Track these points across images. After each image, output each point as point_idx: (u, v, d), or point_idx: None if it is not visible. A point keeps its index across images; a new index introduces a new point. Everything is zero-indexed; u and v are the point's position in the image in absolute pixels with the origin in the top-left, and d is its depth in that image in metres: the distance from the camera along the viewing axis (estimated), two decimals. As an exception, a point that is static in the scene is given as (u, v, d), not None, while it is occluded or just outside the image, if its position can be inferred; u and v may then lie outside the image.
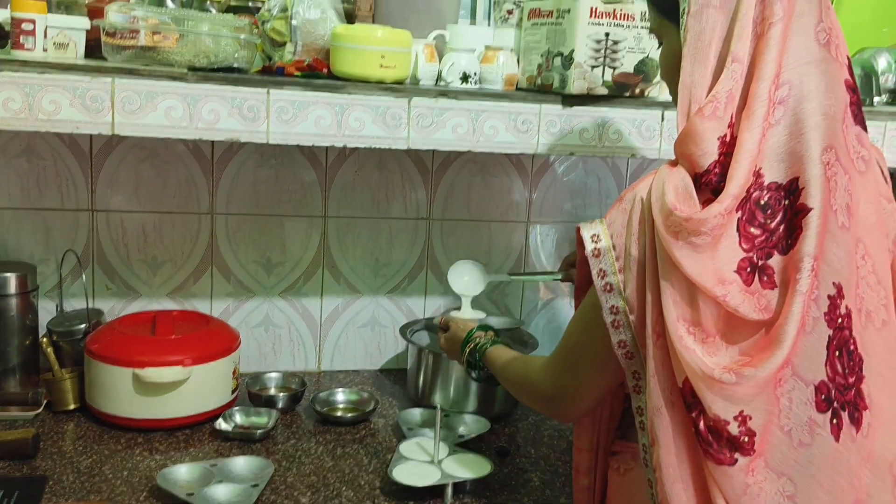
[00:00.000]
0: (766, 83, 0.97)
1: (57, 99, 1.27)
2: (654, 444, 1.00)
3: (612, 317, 1.04)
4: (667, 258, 0.96)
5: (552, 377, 1.16)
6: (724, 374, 0.94)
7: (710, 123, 0.97)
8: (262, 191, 1.82)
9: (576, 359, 1.13)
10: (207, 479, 1.37)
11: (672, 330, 0.96)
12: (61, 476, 1.39)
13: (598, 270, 1.04)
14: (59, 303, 1.75)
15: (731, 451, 0.95)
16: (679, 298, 0.96)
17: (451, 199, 1.93)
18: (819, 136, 0.97)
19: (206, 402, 1.59)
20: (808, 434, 0.97)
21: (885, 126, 1.66)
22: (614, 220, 1.04)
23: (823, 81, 0.99)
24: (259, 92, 1.34)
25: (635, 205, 1.02)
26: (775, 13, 0.98)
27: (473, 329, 1.44)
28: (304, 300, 1.90)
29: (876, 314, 1.03)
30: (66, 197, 1.73)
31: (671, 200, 0.96)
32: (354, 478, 1.45)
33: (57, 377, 1.60)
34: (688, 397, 0.97)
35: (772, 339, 0.95)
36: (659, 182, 0.99)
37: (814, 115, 0.97)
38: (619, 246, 1.03)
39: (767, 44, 0.97)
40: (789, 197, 0.97)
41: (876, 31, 2.04)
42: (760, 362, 0.94)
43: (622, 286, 1.03)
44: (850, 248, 0.99)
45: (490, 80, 1.55)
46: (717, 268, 0.96)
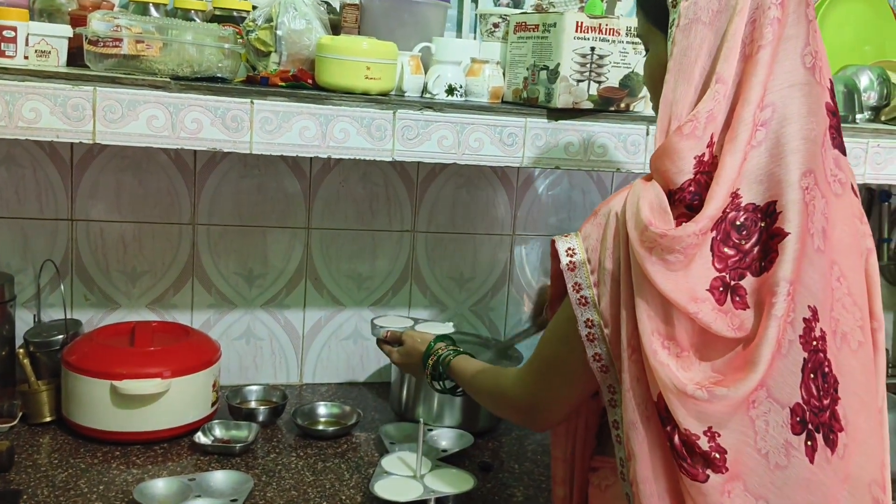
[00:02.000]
0: (751, 107, 0.97)
1: (37, 107, 1.26)
2: (631, 459, 1.00)
3: (587, 330, 1.04)
4: (641, 272, 0.97)
5: (526, 388, 1.16)
6: (697, 391, 0.94)
7: (689, 142, 0.97)
8: (244, 201, 1.81)
9: (549, 370, 1.13)
10: (185, 494, 1.35)
11: (647, 344, 0.96)
12: (36, 490, 1.36)
13: (573, 284, 1.05)
14: (37, 313, 1.72)
15: (704, 466, 0.95)
16: (653, 313, 0.97)
17: (436, 212, 1.92)
18: (799, 160, 0.97)
19: (185, 416, 1.57)
20: (785, 456, 0.97)
21: (867, 143, 1.67)
22: (589, 234, 1.05)
23: (806, 105, 0.99)
24: (243, 102, 1.33)
25: (610, 219, 1.02)
26: (765, 36, 0.98)
27: (433, 341, 1.42)
28: (287, 312, 1.89)
29: (852, 336, 1.03)
30: (45, 206, 1.71)
31: (646, 215, 0.96)
32: (335, 493, 1.43)
33: (33, 389, 1.58)
34: (662, 412, 0.97)
35: (746, 360, 0.95)
36: (634, 197, 1.00)
37: (795, 138, 0.98)
38: (594, 260, 1.04)
39: (755, 66, 0.97)
40: (766, 219, 0.98)
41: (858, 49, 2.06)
42: (733, 383, 0.95)
43: (597, 300, 1.03)
44: (825, 270, 1.00)
45: (476, 92, 1.55)
46: (689, 286, 0.96)
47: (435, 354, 1.39)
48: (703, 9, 1.00)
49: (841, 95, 1.77)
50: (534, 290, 2.02)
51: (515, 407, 1.20)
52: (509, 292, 2.01)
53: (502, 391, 1.23)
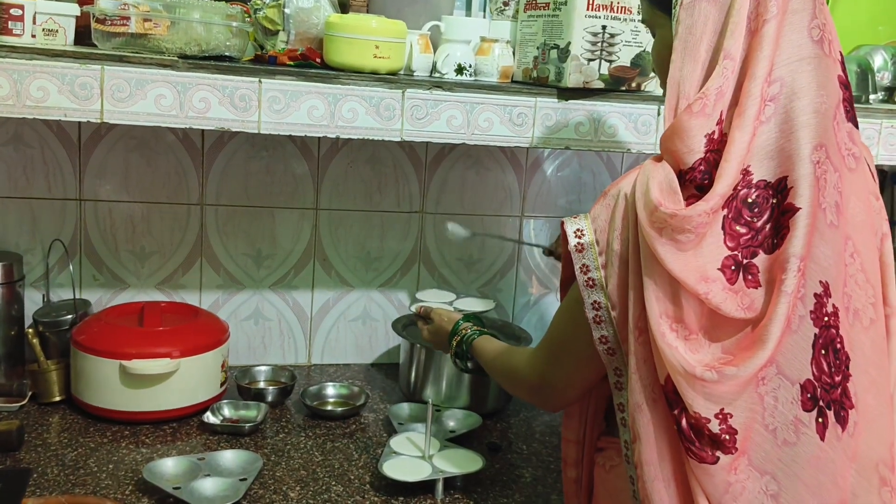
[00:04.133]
0: (758, 81, 0.96)
1: (45, 86, 1.25)
2: (636, 441, 1.00)
3: (594, 312, 1.04)
4: (650, 254, 0.96)
5: (537, 368, 1.17)
6: (706, 372, 0.93)
7: (699, 120, 0.96)
8: (252, 182, 1.80)
9: (559, 352, 1.14)
10: (195, 473, 1.35)
11: (654, 326, 0.96)
12: (46, 469, 1.37)
13: (580, 266, 1.05)
14: (46, 293, 1.72)
15: (713, 449, 0.95)
16: (662, 294, 0.96)
17: (445, 193, 1.92)
18: (810, 135, 0.96)
19: (194, 395, 1.58)
20: (794, 433, 0.96)
21: (880, 124, 1.65)
22: (598, 216, 1.04)
23: (816, 78, 0.98)
24: (251, 81, 1.33)
25: (619, 201, 1.02)
26: (770, 10, 0.97)
27: (460, 320, 1.44)
28: (295, 293, 1.89)
29: (864, 313, 1.02)
30: (53, 186, 1.71)
31: (656, 196, 0.96)
32: (344, 472, 1.44)
33: (42, 368, 1.58)
34: (670, 395, 0.96)
35: (756, 338, 0.95)
36: (643, 178, 0.99)
37: (805, 112, 0.97)
38: (602, 241, 1.03)
39: (761, 41, 0.96)
40: (777, 196, 0.97)
41: (872, 28, 2.04)
42: (742, 361, 0.94)
43: (604, 282, 1.03)
44: (838, 246, 0.99)
45: (485, 72, 1.53)
46: (699, 265, 0.95)
47: (459, 334, 1.41)
48: None
49: (854, 75, 1.75)
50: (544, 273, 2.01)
51: (528, 386, 1.21)
52: (517, 273, 2.00)
53: (515, 370, 1.24)
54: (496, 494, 1.42)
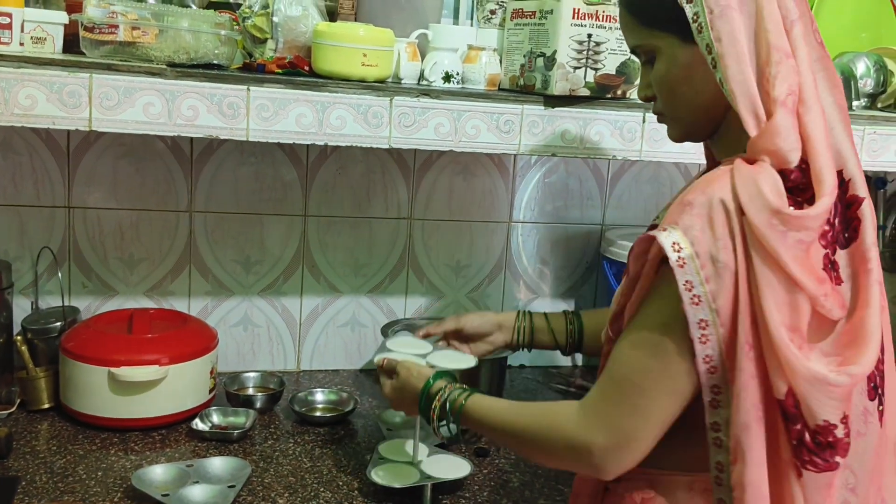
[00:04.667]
0: (809, 77, 0.98)
1: (33, 94, 1.25)
2: (737, 462, 0.95)
3: (700, 332, 0.95)
4: (769, 260, 0.92)
5: (606, 422, 1.00)
6: (838, 377, 0.92)
7: (792, 118, 0.96)
8: (241, 189, 1.81)
9: (641, 393, 0.98)
10: (183, 480, 1.35)
11: (777, 336, 0.92)
12: (34, 476, 1.37)
13: (684, 282, 0.94)
14: (35, 300, 1.72)
15: (833, 455, 0.94)
16: (782, 302, 0.92)
17: (433, 199, 1.92)
18: (843, 129, 1.01)
19: (183, 402, 1.58)
20: (864, 423, 0.98)
21: (863, 130, 1.67)
22: (691, 226, 0.95)
23: (831, 78, 1.02)
24: (239, 89, 1.33)
25: (714, 208, 0.94)
26: (792, 11, 1.00)
27: (431, 378, 1.22)
28: (284, 299, 1.89)
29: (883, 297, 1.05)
30: (42, 193, 1.71)
31: (774, 200, 0.92)
32: (333, 479, 1.44)
33: (31, 376, 1.58)
34: (789, 409, 0.93)
35: (856, 333, 0.95)
36: (748, 181, 0.94)
37: (833, 108, 1.01)
38: (703, 254, 0.94)
39: (797, 40, 0.99)
40: (838, 190, 0.98)
41: (855, 36, 2.06)
42: (858, 357, 0.94)
43: (711, 297, 0.94)
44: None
45: (472, 79, 1.54)
46: (811, 266, 0.95)
47: (439, 396, 1.19)
48: None
49: (837, 83, 1.77)
50: (532, 278, 2.02)
51: (587, 450, 1.00)
52: (505, 279, 2.01)
53: (564, 433, 1.03)
54: (484, 500, 1.42)
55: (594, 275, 2.05)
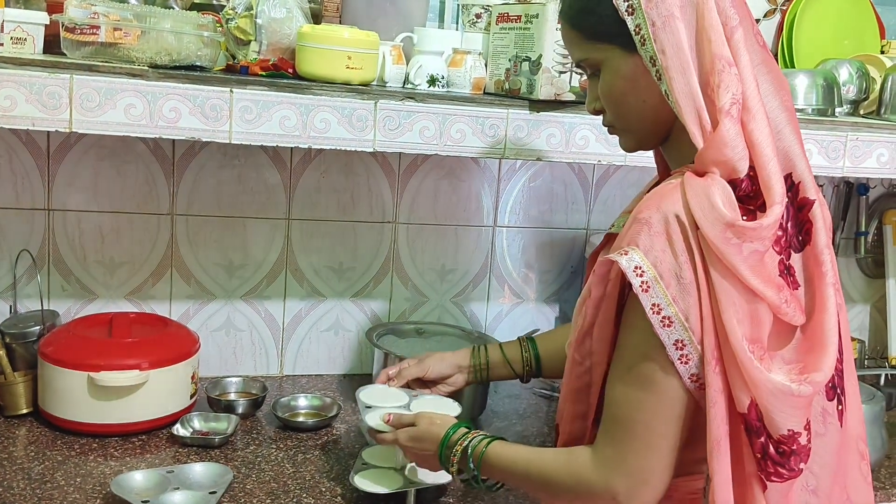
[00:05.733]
0: (752, 83, 0.98)
1: (13, 94, 1.24)
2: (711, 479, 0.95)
3: (679, 353, 0.94)
4: (726, 274, 0.92)
5: (619, 467, 0.99)
6: (801, 387, 0.92)
7: (738, 126, 0.96)
8: (224, 192, 1.79)
9: (645, 428, 0.98)
10: (164, 486, 1.34)
11: (739, 349, 0.91)
12: (11, 483, 1.35)
13: (651, 306, 0.94)
14: (13, 304, 1.70)
15: (797, 462, 0.94)
16: (742, 315, 0.92)
17: (418, 203, 1.92)
18: (791, 131, 1.01)
19: (164, 407, 1.56)
20: (823, 424, 0.99)
21: (846, 137, 1.68)
22: (651, 247, 0.94)
23: (775, 80, 1.02)
24: (222, 91, 1.32)
25: (670, 224, 0.94)
26: (732, 18, 1.00)
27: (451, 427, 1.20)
28: (267, 303, 1.88)
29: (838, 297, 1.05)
30: (21, 195, 1.69)
31: (728, 212, 0.92)
32: (315, 484, 1.43)
33: (9, 380, 1.56)
34: (752, 423, 0.93)
35: (814, 338, 0.95)
36: (699, 194, 0.94)
37: (780, 111, 1.01)
38: (667, 273, 0.94)
39: (737, 46, 0.99)
40: (788, 194, 0.99)
41: (838, 43, 2.08)
42: (818, 364, 0.94)
43: (682, 316, 0.94)
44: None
45: (458, 83, 1.54)
46: (768, 274, 0.95)
47: (461, 441, 1.16)
48: (671, 4, 0.99)
49: (820, 89, 1.78)
50: (517, 283, 2.02)
51: (608, 493, 0.99)
52: (490, 284, 2.01)
53: (584, 481, 1.02)
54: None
55: (579, 279, 2.05)
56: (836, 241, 2.24)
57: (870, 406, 1.63)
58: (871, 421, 1.63)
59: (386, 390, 1.43)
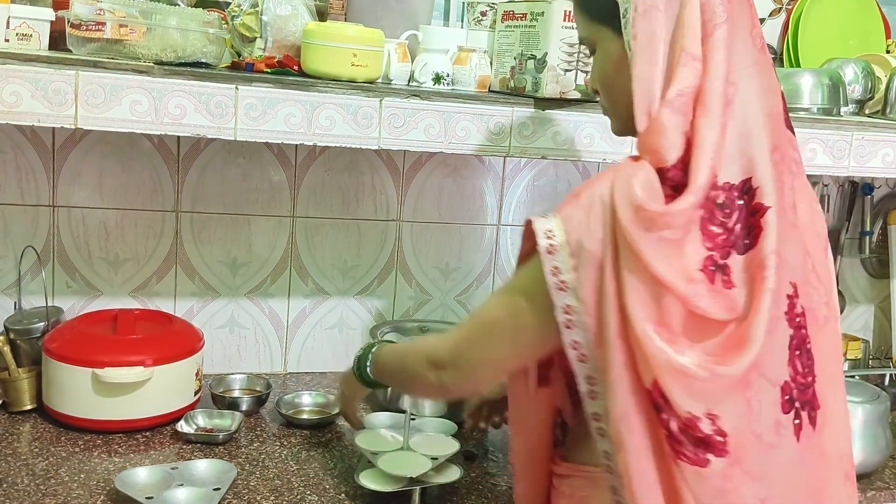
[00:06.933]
0: (720, 81, 0.98)
1: (18, 90, 1.24)
2: (620, 451, 0.98)
3: (566, 317, 0.99)
4: (633, 256, 0.94)
5: (451, 344, 1.11)
6: (699, 370, 0.93)
7: (678, 118, 0.97)
8: (229, 189, 1.79)
9: (486, 334, 1.09)
10: (168, 483, 1.34)
11: (640, 330, 0.94)
12: (16, 479, 1.35)
13: (551, 268, 0.99)
14: (18, 300, 1.70)
15: (705, 451, 0.94)
16: (645, 298, 0.94)
17: (422, 201, 1.92)
18: (766, 136, 0.99)
19: (168, 404, 1.56)
20: (776, 436, 0.97)
21: (851, 136, 1.68)
22: (570, 217, 0.99)
23: (764, 84, 1.01)
24: (227, 88, 1.32)
25: (594, 203, 0.98)
26: (718, 15, 1.00)
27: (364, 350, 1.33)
28: (271, 301, 1.88)
29: (818, 312, 1.05)
30: (26, 192, 1.69)
31: (640, 195, 0.94)
32: (319, 482, 1.43)
33: (13, 377, 1.56)
34: (657, 399, 0.95)
35: (741, 337, 0.95)
36: (623, 178, 0.97)
37: (759, 115, 1.00)
38: (574, 243, 0.98)
39: (715, 44, 0.99)
40: (744, 196, 0.98)
41: (843, 42, 2.07)
42: (732, 360, 0.94)
43: (577, 284, 0.98)
44: (799, 246, 1.02)
45: (463, 81, 1.54)
46: (683, 266, 0.95)
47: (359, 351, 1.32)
48: None
49: (826, 88, 1.77)
50: None
51: (432, 362, 1.11)
52: (494, 282, 2.01)
53: (422, 348, 1.16)
54: (472, 503, 1.42)
55: (583, 278, 2.05)
56: (840, 241, 2.23)
57: (874, 406, 1.62)
58: (876, 421, 1.63)
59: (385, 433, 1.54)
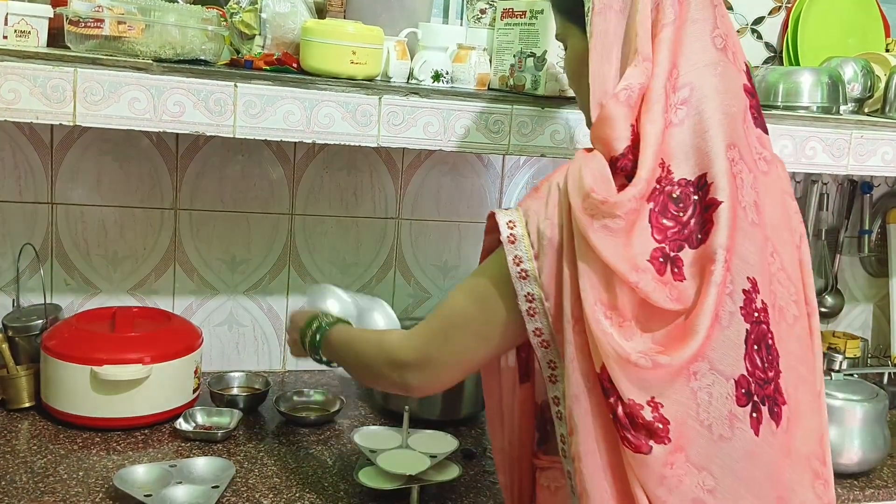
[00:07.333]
0: (660, 80, 1.00)
1: (16, 87, 1.23)
2: (573, 433, 0.99)
3: (528, 304, 1.02)
4: (583, 242, 0.97)
5: (416, 343, 1.11)
6: (640, 359, 0.95)
7: (624, 110, 1.00)
8: (227, 187, 1.79)
9: (451, 328, 1.10)
10: (166, 480, 1.34)
11: (590, 314, 0.96)
12: (14, 476, 1.35)
13: (513, 257, 1.02)
14: (16, 298, 1.70)
15: (647, 437, 0.95)
16: (596, 282, 0.97)
17: (421, 199, 1.92)
18: (721, 134, 1.01)
19: (167, 402, 1.56)
20: (729, 428, 0.98)
21: (850, 135, 1.68)
22: (529, 208, 1.03)
23: (722, 83, 1.03)
24: (226, 85, 1.32)
25: (551, 192, 1.02)
26: (667, 16, 1.02)
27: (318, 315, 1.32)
28: (270, 299, 1.87)
29: (788, 310, 1.05)
30: (24, 189, 1.69)
31: (589, 183, 0.97)
32: (318, 480, 1.43)
33: (11, 374, 1.56)
34: (605, 383, 0.96)
35: (686, 329, 0.96)
36: (575, 167, 1.00)
37: (716, 112, 1.01)
38: (534, 232, 1.02)
39: (660, 44, 1.02)
40: (699, 192, 1.00)
41: (842, 41, 2.07)
42: (674, 350, 0.96)
43: (538, 272, 1.01)
44: (761, 244, 1.02)
45: (462, 79, 1.54)
46: (630, 255, 0.97)
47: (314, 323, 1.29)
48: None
49: (825, 87, 1.77)
50: None
51: (397, 363, 1.12)
52: (493, 280, 2.00)
53: (384, 350, 1.15)
54: (471, 501, 1.42)
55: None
56: (839, 240, 2.23)
57: (872, 405, 1.62)
58: (874, 420, 1.63)
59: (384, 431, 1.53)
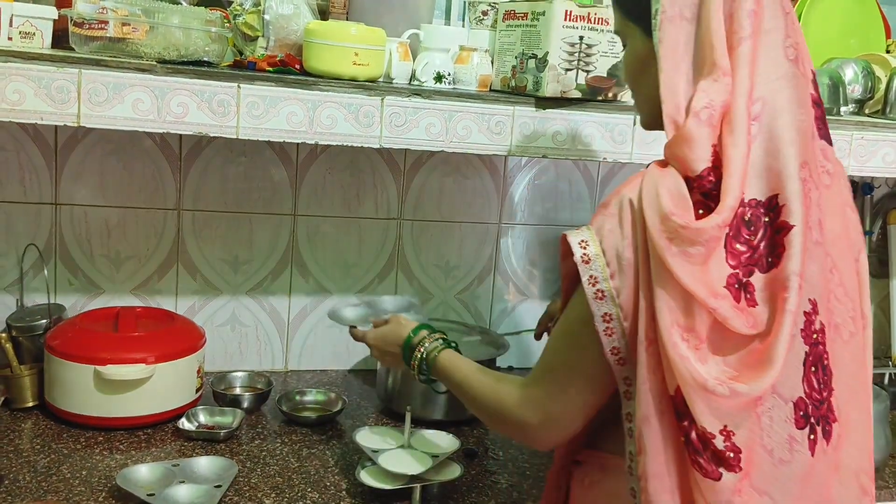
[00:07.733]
0: (743, 98, 0.97)
1: (21, 88, 1.24)
2: (641, 453, 0.98)
3: (605, 325, 1.00)
4: (660, 263, 0.95)
5: (537, 404, 1.09)
6: (718, 386, 0.93)
7: (707, 129, 0.97)
8: (230, 188, 1.80)
9: (564, 379, 1.07)
10: (169, 480, 1.34)
11: (666, 336, 0.94)
12: (17, 475, 1.35)
13: (588, 277, 1.00)
14: (20, 297, 1.71)
15: (717, 465, 0.94)
16: (674, 304, 0.94)
17: (423, 200, 1.92)
18: (795, 152, 0.98)
19: (170, 401, 1.57)
20: (788, 451, 0.97)
21: (851, 136, 1.68)
22: (602, 226, 1.01)
23: (795, 97, 1.00)
24: (229, 86, 1.32)
25: (623, 208, 0.99)
26: (744, 28, 0.98)
27: (417, 327, 1.30)
28: (272, 299, 1.88)
29: (844, 327, 1.04)
30: (28, 189, 1.70)
31: (667, 204, 0.94)
32: (320, 479, 1.43)
33: (15, 373, 1.57)
34: (679, 406, 0.95)
35: (762, 356, 0.95)
36: (651, 184, 0.97)
37: (788, 130, 0.98)
38: (609, 251, 1.00)
39: (739, 59, 0.98)
40: (769, 214, 0.97)
41: (843, 42, 2.07)
42: (751, 379, 0.94)
43: (615, 292, 0.99)
44: (822, 262, 1.00)
45: (464, 80, 1.54)
46: (708, 280, 0.95)
47: (421, 346, 1.28)
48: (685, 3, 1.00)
49: (826, 88, 1.77)
50: (521, 280, 2.02)
51: (523, 425, 1.10)
52: (495, 281, 2.01)
53: (505, 408, 1.13)
54: (473, 501, 1.42)
55: (583, 277, 2.05)
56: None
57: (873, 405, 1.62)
58: (876, 421, 1.62)
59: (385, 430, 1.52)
